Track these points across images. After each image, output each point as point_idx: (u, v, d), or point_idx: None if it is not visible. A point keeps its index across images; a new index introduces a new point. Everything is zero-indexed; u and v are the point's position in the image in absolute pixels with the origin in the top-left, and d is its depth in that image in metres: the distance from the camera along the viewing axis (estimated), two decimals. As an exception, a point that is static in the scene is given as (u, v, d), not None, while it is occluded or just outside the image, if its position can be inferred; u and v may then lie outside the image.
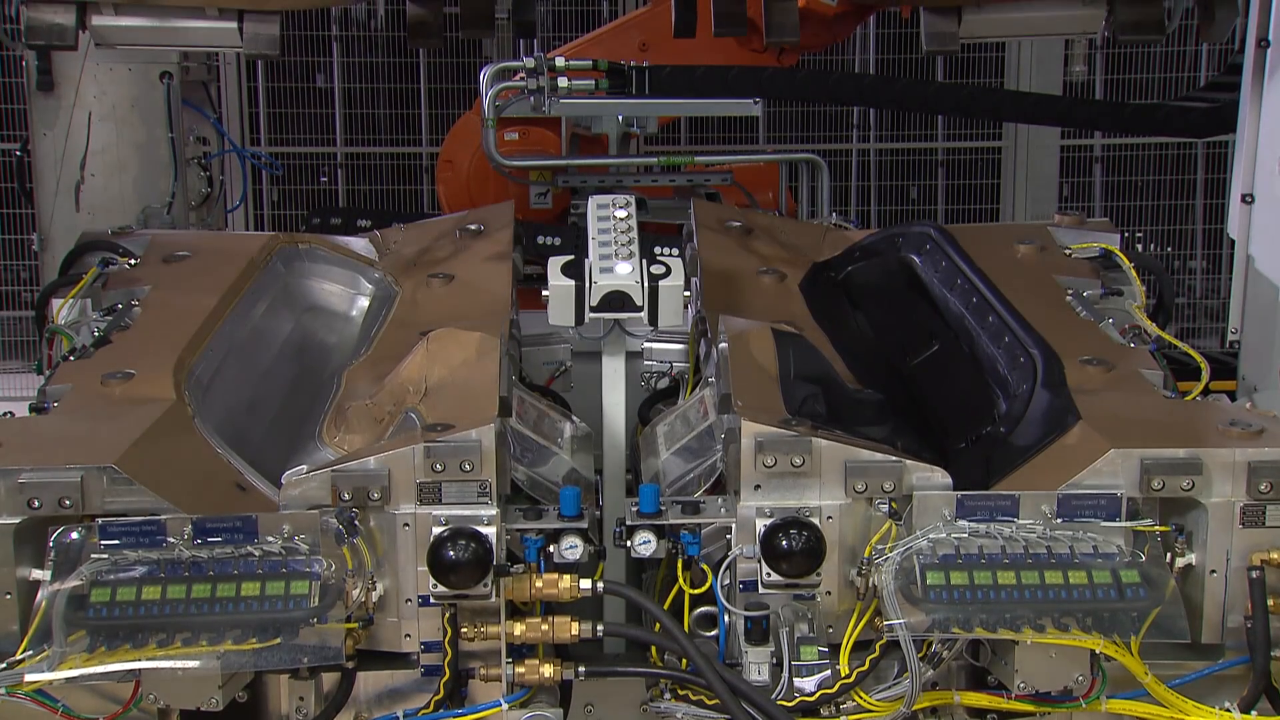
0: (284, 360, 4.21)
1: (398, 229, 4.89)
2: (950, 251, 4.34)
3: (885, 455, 3.25)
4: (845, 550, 3.23)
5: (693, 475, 3.54)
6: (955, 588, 3.02)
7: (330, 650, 2.98)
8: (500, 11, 5.14)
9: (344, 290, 4.53)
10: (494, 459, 3.16)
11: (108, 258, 4.34)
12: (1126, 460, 3.17)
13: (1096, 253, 4.36)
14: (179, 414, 3.48)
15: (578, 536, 3.21)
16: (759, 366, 3.64)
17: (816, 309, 4.28)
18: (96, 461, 3.09)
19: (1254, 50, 4.55)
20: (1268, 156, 4.53)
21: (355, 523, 3.11)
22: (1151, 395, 3.57)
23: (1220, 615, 3.21)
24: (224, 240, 4.65)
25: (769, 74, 5.94)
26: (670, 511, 3.27)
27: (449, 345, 3.70)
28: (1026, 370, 3.70)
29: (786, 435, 3.22)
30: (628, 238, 3.82)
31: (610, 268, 3.71)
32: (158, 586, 2.96)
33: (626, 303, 3.67)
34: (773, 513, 3.22)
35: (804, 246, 4.69)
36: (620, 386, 3.80)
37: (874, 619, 3.18)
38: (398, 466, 3.16)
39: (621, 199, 3.97)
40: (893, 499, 3.18)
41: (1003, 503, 3.13)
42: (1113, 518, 3.11)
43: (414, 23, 4.91)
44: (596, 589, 3.20)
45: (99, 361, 3.69)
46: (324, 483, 3.15)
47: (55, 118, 6.67)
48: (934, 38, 4.75)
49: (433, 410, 3.46)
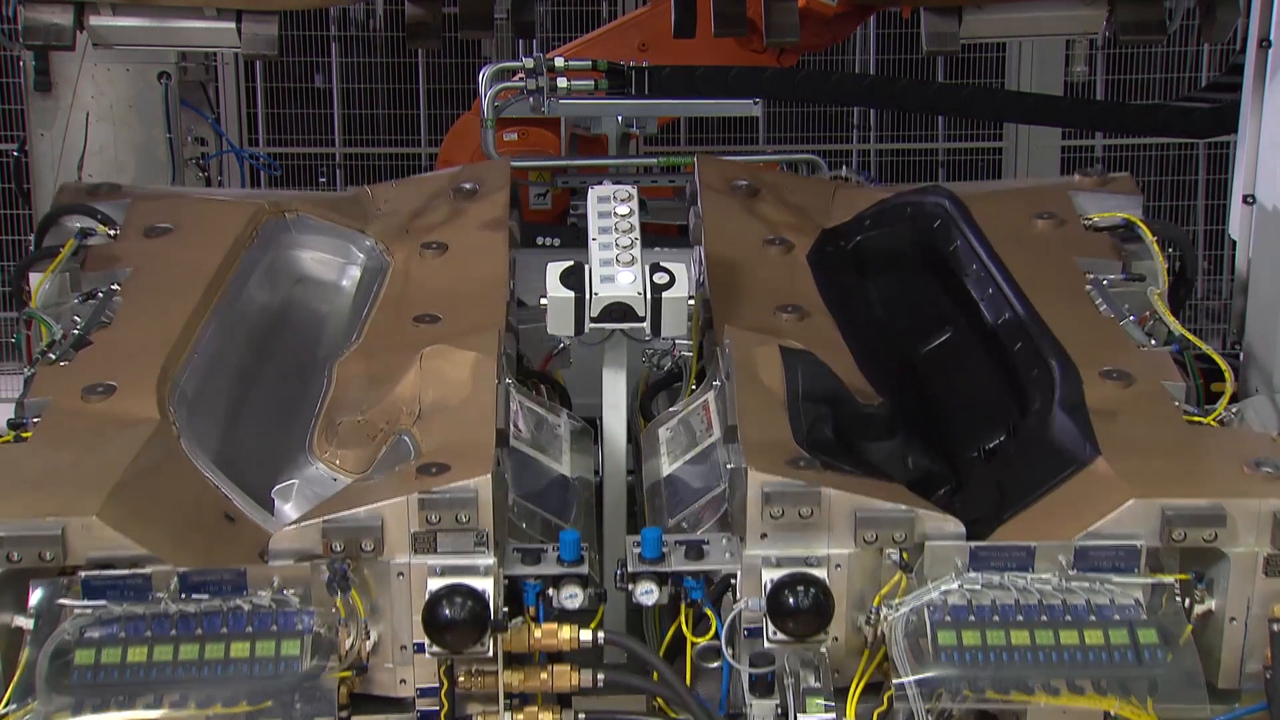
0: (272, 348, 4.12)
1: (389, 185, 4.78)
2: (965, 229, 4.22)
3: (896, 504, 3.13)
4: (854, 596, 3.13)
5: (698, 506, 3.45)
6: (968, 648, 2.91)
7: (324, 702, 2.89)
8: (499, 12, 5.12)
9: (334, 259, 4.42)
10: (491, 509, 3.07)
11: (86, 229, 4.25)
12: (1147, 509, 3.07)
13: (1118, 222, 4.26)
14: (163, 437, 3.39)
15: (577, 585, 3.12)
16: (766, 390, 3.54)
17: (824, 284, 4.17)
18: (78, 508, 2.99)
19: (1255, 50, 4.53)
20: (1269, 157, 4.51)
21: (348, 575, 3.02)
22: (1173, 419, 3.45)
23: (1238, 661, 3.13)
24: (207, 209, 4.43)
25: (769, 74, 5.93)
26: (673, 556, 3.17)
27: (443, 364, 3.62)
28: (1043, 383, 3.60)
29: (794, 486, 3.11)
30: (629, 239, 3.71)
31: (611, 276, 3.59)
32: (144, 646, 2.86)
33: (628, 313, 3.56)
34: (779, 561, 3.11)
35: (812, 208, 4.56)
36: (621, 403, 3.68)
37: (882, 663, 3.09)
38: (391, 517, 3.06)
39: (623, 192, 3.85)
40: (904, 549, 3.08)
41: (1017, 554, 3.03)
42: (1131, 569, 3.02)
43: (413, 23, 4.88)
44: (597, 639, 3.12)
45: (79, 368, 3.59)
46: (314, 534, 3.05)
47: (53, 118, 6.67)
48: (934, 38, 4.73)
49: (427, 435, 3.39)
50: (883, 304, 4.27)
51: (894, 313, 4.23)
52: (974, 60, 9.50)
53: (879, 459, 3.57)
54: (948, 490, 3.57)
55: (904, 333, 4.17)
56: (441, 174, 4.90)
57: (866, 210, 4.49)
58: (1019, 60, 9.52)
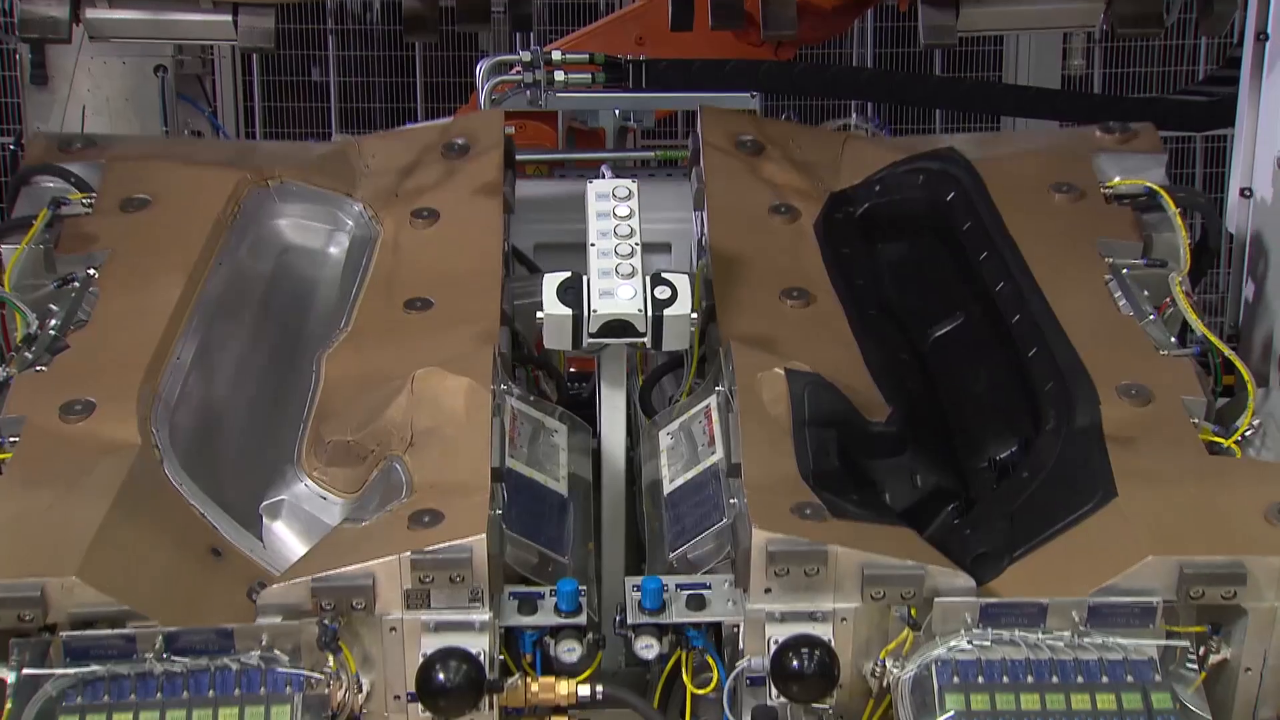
0: (258, 332, 4.03)
1: (377, 137, 4.66)
2: (979, 207, 4.10)
3: (904, 561, 3.04)
4: (860, 646, 3.08)
5: (700, 541, 3.34)
6: (976, 713, 2.85)
7: None
8: (496, 5, 5.10)
9: (320, 227, 4.33)
10: (486, 567, 3.00)
11: (59, 197, 4.16)
12: (1165, 566, 3.00)
13: (1140, 190, 4.17)
14: (145, 464, 3.30)
15: (575, 639, 3.07)
16: (770, 419, 3.44)
17: (832, 258, 4.07)
18: (57, 566, 2.89)
19: (1253, 44, 4.52)
20: (1266, 150, 4.51)
21: (338, 634, 2.96)
22: (1192, 448, 3.35)
23: (1251, 710, 3.11)
24: (186, 178, 4.28)
25: (766, 68, 5.92)
26: (675, 605, 3.11)
27: (437, 390, 3.48)
28: (1058, 400, 3.51)
29: (800, 545, 3.02)
30: (630, 246, 3.56)
31: (611, 291, 3.44)
32: (129, 713, 2.80)
33: (628, 329, 3.43)
34: (784, 616, 3.06)
35: (820, 164, 4.45)
36: (620, 417, 3.56)
37: (888, 710, 3.05)
38: (382, 575, 2.99)
39: (623, 190, 3.72)
40: (912, 606, 3.02)
41: (1029, 610, 2.96)
42: (1146, 625, 2.97)
43: (409, 16, 4.86)
44: (596, 695, 3.08)
45: (56, 378, 3.50)
46: (303, 590, 2.98)
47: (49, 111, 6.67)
48: (932, 31, 4.71)
49: (419, 467, 3.29)
50: (892, 280, 4.16)
51: (903, 290, 4.12)
52: (971, 53, 9.49)
53: (887, 477, 3.51)
54: (956, 507, 3.50)
55: (913, 312, 4.07)
56: (432, 126, 4.77)
57: (876, 174, 4.37)
58: (1016, 53, 9.51)
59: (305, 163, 4.49)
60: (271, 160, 4.46)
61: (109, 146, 4.52)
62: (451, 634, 3.03)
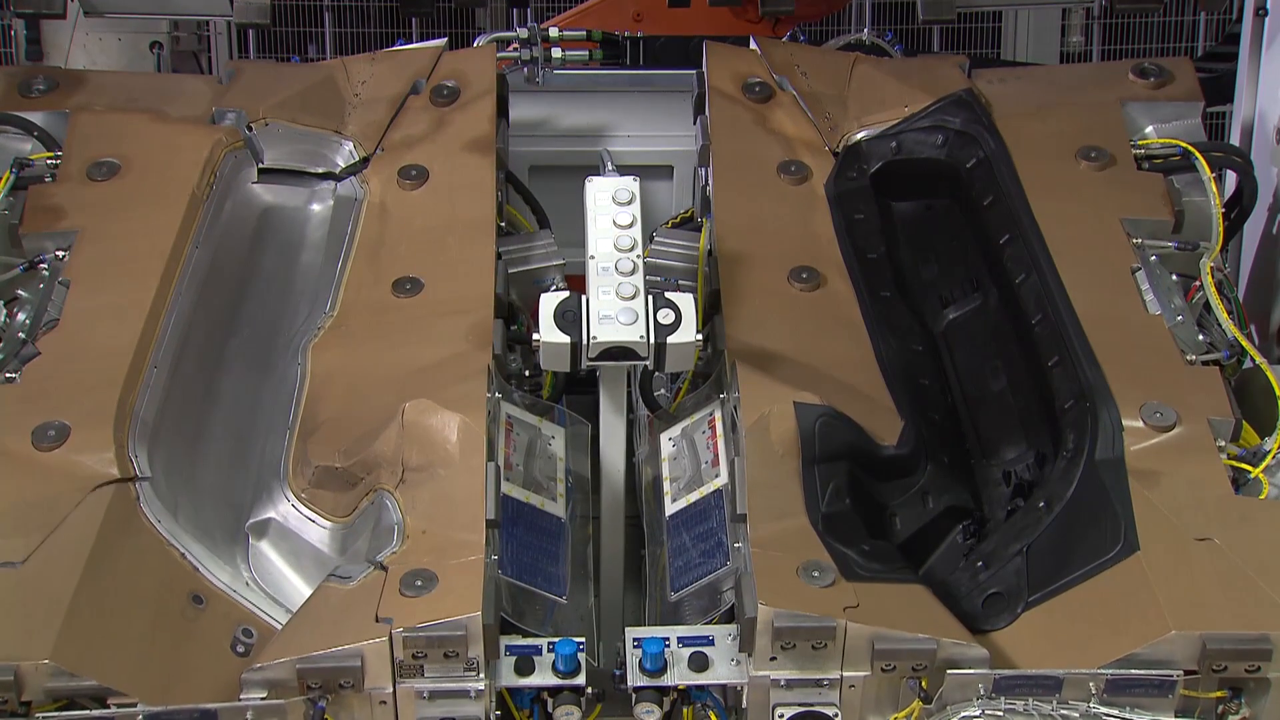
0: (239, 317, 3.89)
1: (366, 61, 4.51)
2: (1002, 179, 3.92)
3: (916, 635, 2.96)
4: (869, 707, 3.02)
5: (702, 587, 3.23)
6: None
7: None
8: (493, -19, 5.10)
9: (302, 190, 4.21)
10: (481, 639, 2.90)
11: (22, 160, 4.02)
12: (1187, 640, 2.92)
13: (1173, 150, 4.05)
14: (121, 508, 3.16)
15: (574, 703, 3.00)
16: (778, 458, 3.31)
17: (843, 223, 3.92)
18: (30, 649, 2.78)
19: (1252, 19, 4.53)
20: (1265, 126, 4.51)
21: (325, 713, 2.89)
22: (1218, 485, 3.22)
23: None
24: (158, 135, 4.07)
25: (764, 44, 5.89)
26: (676, 668, 3.02)
27: (429, 425, 3.34)
28: (1079, 422, 3.38)
29: (807, 620, 2.94)
30: (631, 261, 3.39)
31: (611, 315, 3.27)
32: None
33: (629, 354, 3.28)
34: (789, 684, 2.99)
35: (829, 96, 4.30)
36: (620, 440, 3.45)
37: None
38: (371, 654, 2.90)
39: (624, 194, 3.53)
40: (922, 678, 2.96)
41: (1045, 682, 2.89)
42: (1165, 696, 2.90)
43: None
44: None
45: (28, 391, 3.38)
46: (288, 670, 2.89)
47: (45, 88, 6.61)
48: (930, 7, 4.71)
49: (411, 507, 3.20)
50: (906, 246, 4.02)
51: (919, 254, 3.97)
52: (970, 30, 9.46)
53: (898, 498, 3.43)
54: (967, 526, 3.43)
55: (929, 285, 3.93)
56: (423, 49, 4.58)
57: (891, 129, 4.22)
58: (1015, 29, 9.48)
59: (290, 101, 4.33)
60: (253, 96, 4.28)
61: (73, 91, 4.31)
62: (446, 702, 2.97)
